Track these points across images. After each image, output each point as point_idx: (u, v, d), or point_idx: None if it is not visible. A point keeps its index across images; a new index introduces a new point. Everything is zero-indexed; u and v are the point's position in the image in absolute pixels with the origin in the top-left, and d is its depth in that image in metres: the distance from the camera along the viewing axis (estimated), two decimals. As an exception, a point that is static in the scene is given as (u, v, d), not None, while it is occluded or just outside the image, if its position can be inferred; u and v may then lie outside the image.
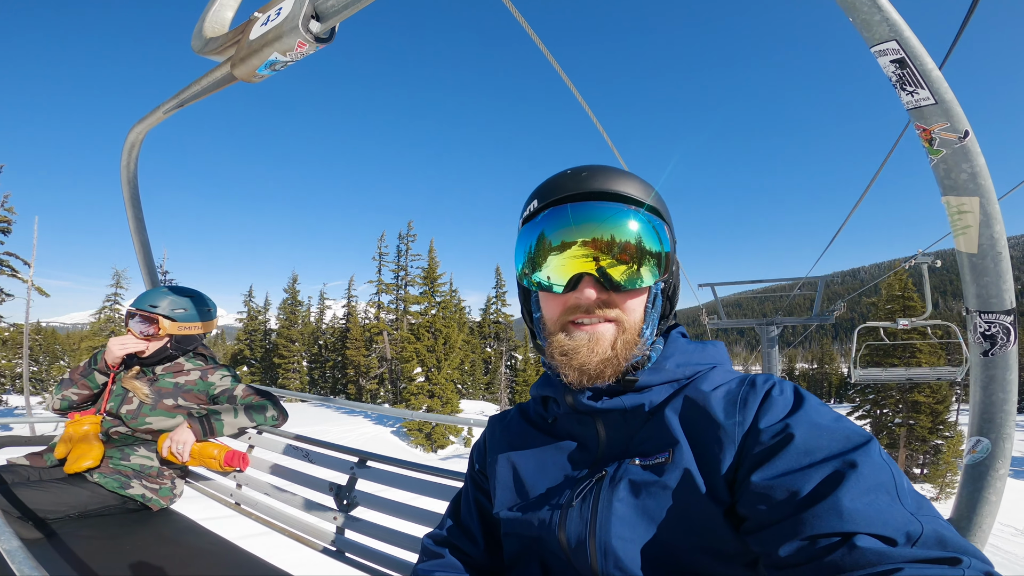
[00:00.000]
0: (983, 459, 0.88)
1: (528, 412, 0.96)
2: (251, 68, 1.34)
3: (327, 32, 1.27)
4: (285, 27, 1.23)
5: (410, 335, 27.83)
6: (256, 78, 1.40)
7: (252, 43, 1.30)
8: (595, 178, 0.79)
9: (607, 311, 0.77)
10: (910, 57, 0.79)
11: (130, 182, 2.10)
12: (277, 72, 1.38)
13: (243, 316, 39.79)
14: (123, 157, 1.99)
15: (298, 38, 1.23)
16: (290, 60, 1.32)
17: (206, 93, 1.56)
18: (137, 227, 2.25)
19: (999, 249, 0.83)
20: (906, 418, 22.87)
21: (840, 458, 0.58)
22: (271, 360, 37.18)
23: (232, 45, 1.37)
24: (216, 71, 1.48)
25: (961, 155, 0.81)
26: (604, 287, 0.76)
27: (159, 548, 1.71)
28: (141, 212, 2.25)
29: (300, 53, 1.29)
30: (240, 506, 2.00)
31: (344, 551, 1.63)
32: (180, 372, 2.19)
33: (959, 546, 0.51)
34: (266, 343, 39.36)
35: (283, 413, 2.18)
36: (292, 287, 38.77)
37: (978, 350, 0.88)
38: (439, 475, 1.55)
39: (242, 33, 1.34)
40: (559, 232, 0.78)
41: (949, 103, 0.80)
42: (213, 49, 1.43)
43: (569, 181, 0.80)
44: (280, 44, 1.25)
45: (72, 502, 1.87)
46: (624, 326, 0.77)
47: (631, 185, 0.79)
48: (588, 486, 0.74)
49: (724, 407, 0.71)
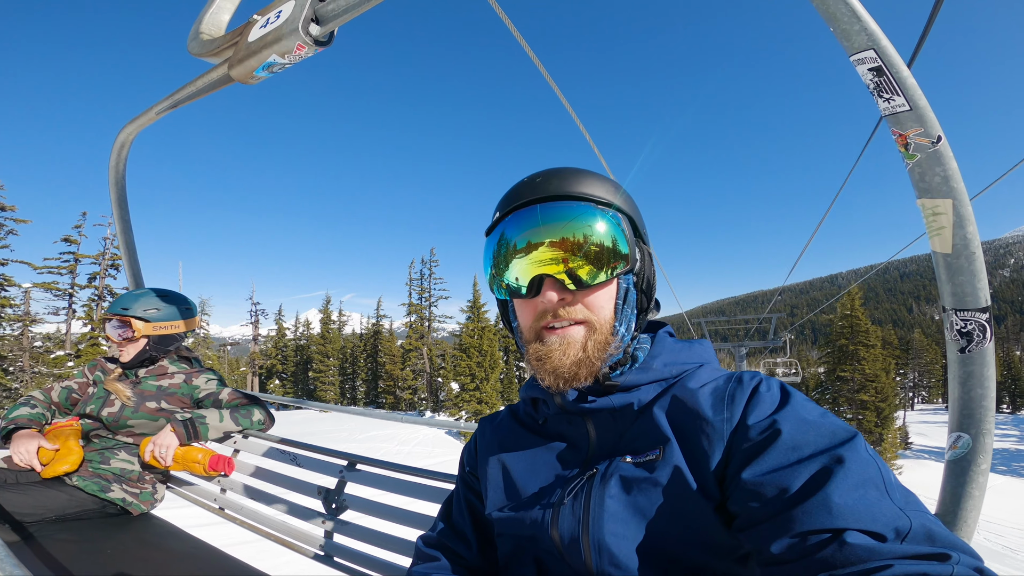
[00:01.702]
0: (964, 455, 0.89)
1: (518, 413, 0.96)
2: (248, 70, 1.35)
3: (326, 36, 1.29)
4: (285, 30, 1.24)
5: (462, 353, 32.22)
6: (253, 80, 1.41)
7: (251, 45, 1.31)
8: (551, 181, 0.81)
9: (573, 312, 0.77)
10: (887, 65, 0.84)
11: (118, 183, 2.07)
12: (274, 74, 1.39)
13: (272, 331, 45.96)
14: (112, 157, 1.97)
15: (297, 41, 1.25)
16: (288, 62, 1.33)
17: (202, 94, 1.56)
18: (124, 228, 2.22)
19: (972, 249, 0.86)
20: (855, 414, 28.41)
21: (827, 453, 0.60)
22: (305, 374, 42.09)
23: (230, 47, 1.38)
24: (212, 72, 1.48)
25: (935, 159, 0.85)
26: (566, 288, 0.77)
27: (139, 552, 1.67)
28: (128, 213, 2.22)
29: (299, 56, 1.30)
30: (224, 511, 1.96)
31: (334, 556, 1.60)
32: (164, 375, 2.15)
33: (948, 541, 0.52)
34: (297, 358, 43.93)
35: (270, 417, 2.14)
36: (326, 308, 43.94)
37: (955, 347, 0.90)
38: (430, 477, 1.55)
39: (240, 35, 1.35)
40: (517, 237, 0.80)
41: (923, 109, 0.84)
42: (210, 51, 1.44)
43: (525, 188, 0.82)
44: (279, 46, 1.27)
45: (50, 505, 1.82)
46: (594, 326, 0.78)
47: (588, 184, 0.81)
48: (579, 484, 0.75)
49: (712, 404, 0.72)
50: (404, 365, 40.86)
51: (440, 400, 38.69)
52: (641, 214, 0.88)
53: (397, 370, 40.65)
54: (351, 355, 45.14)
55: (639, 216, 0.87)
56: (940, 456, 28.87)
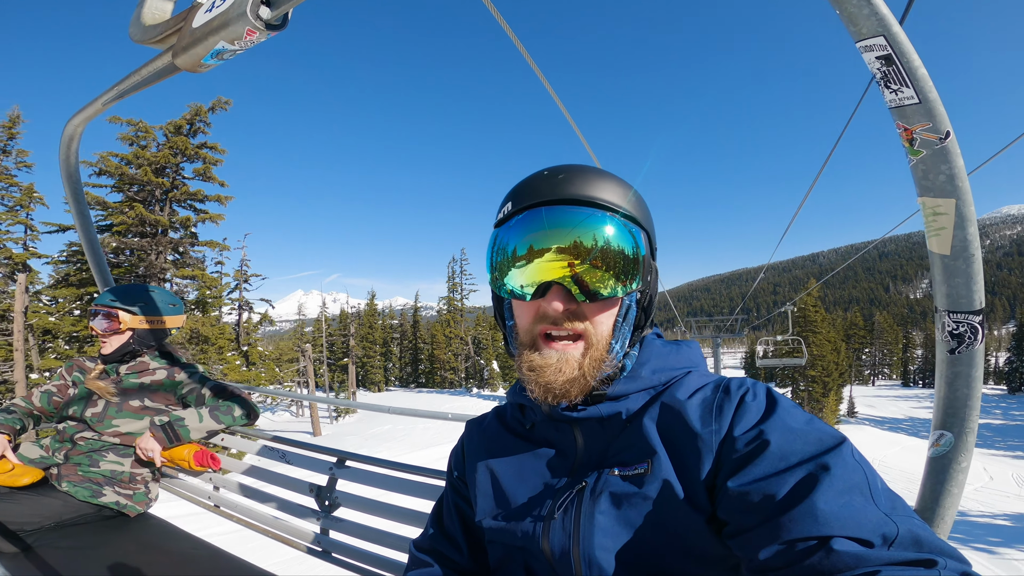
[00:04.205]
0: (946, 452, 0.90)
1: (505, 417, 0.94)
2: (195, 58, 1.22)
3: (279, 18, 1.16)
4: (232, 13, 1.11)
5: (501, 335, 40.89)
6: (202, 68, 1.28)
7: (195, 31, 1.17)
8: (571, 181, 0.76)
9: (575, 323, 0.75)
10: (897, 54, 0.76)
11: (71, 177, 1.94)
12: (225, 61, 1.27)
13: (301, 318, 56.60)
14: (62, 151, 1.82)
15: (247, 25, 1.11)
16: (239, 49, 1.21)
17: (147, 84, 1.43)
18: (83, 223, 2.10)
19: (972, 251, 0.83)
20: (807, 385, 35.60)
21: (813, 461, 0.59)
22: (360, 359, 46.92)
23: (173, 33, 1.25)
24: (157, 60, 1.34)
25: (941, 156, 0.80)
26: (573, 298, 0.74)
27: (140, 555, 1.68)
28: (86, 207, 2.09)
29: (250, 41, 1.17)
30: (219, 508, 1.97)
31: (330, 551, 1.62)
32: (145, 371, 2.11)
33: (934, 546, 0.52)
34: (345, 346, 47.58)
35: (253, 411, 2.13)
36: (371, 302, 50.42)
37: (944, 348, 0.88)
38: (421, 474, 1.55)
39: (184, 20, 1.21)
40: (531, 238, 0.75)
41: (933, 103, 0.77)
42: (152, 38, 1.29)
43: (544, 184, 0.76)
44: (227, 32, 1.13)
45: (46, 513, 1.80)
46: (591, 341, 0.75)
47: (609, 189, 0.76)
48: (569, 497, 0.74)
49: (700, 415, 0.71)
50: (446, 350, 47.82)
51: (484, 378, 47.91)
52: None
53: (443, 354, 47.38)
54: (383, 340, 50.80)
55: (653, 229, 0.83)
56: (880, 424, 36.06)
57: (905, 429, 34.35)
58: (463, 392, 44.08)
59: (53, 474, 1.94)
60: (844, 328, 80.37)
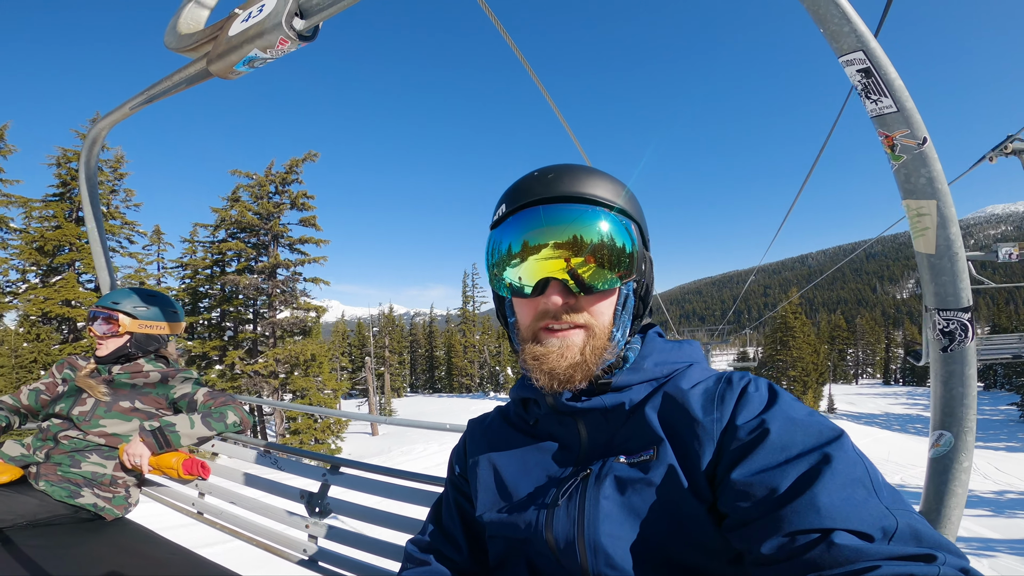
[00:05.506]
0: (946, 452, 0.90)
1: (508, 414, 0.95)
2: (228, 65, 1.31)
3: (310, 30, 1.25)
4: (267, 24, 1.21)
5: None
6: (233, 75, 1.36)
7: (231, 39, 1.27)
8: (563, 180, 0.79)
9: (575, 316, 0.77)
10: (875, 67, 0.84)
11: (89, 179, 2.00)
12: (256, 69, 1.35)
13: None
14: (83, 153, 1.89)
15: (280, 35, 1.21)
16: (270, 57, 1.30)
17: (178, 89, 1.51)
18: (96, 226, 2.14)
19: (955, 250, 0.87)
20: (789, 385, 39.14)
21: (815, 452, 0.60)
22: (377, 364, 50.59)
23: (209, 42, 1.34)
24: (190, 67, 1.43)
25: (920, 160, 0.86)
26: (571, 292, 0.76)
27: (115, 557, 1.61)
28: (100, 211, 2.14)
29: (281, 50, 1.26)
30: (202, 515, 1.90)
31: (318, 560, 1.57)
32: (138, 373, 2.09)
33: (934, 541, 0.52)
34: (363, 353, 52.27)
35: (245, 418, 2.09)
36: (389, 313, 56.28)
37: (937, 346, 0.90)
38: (416, 480, 1.52)
39: (220, 29, 1.31)
40: (526, 236, 0.78)
41: (909, 111, 0.84)
42: (188, 46, 1.39)
43: (537, 184, 0.80)
44: (261, 41, 1.23)
45: (20, 511, 1.74)
46: (593, 331, 0.77)
47: (599, 185, 0.80)
48: (573, 484, 0.74)
49: (703, 404, 0.72)
50: (463, 358, 52.65)
51: (500, 383, 51.74)
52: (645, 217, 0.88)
53: (460, 362, 52.03)
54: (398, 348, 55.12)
55: (645, 222, 0.87)
56: (857, 419, 37.85)
57: (879, 423, 36.16)
58: (481, 396, 47.32)
59: (32, 472, 1.89)
60: (828, 330, 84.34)
